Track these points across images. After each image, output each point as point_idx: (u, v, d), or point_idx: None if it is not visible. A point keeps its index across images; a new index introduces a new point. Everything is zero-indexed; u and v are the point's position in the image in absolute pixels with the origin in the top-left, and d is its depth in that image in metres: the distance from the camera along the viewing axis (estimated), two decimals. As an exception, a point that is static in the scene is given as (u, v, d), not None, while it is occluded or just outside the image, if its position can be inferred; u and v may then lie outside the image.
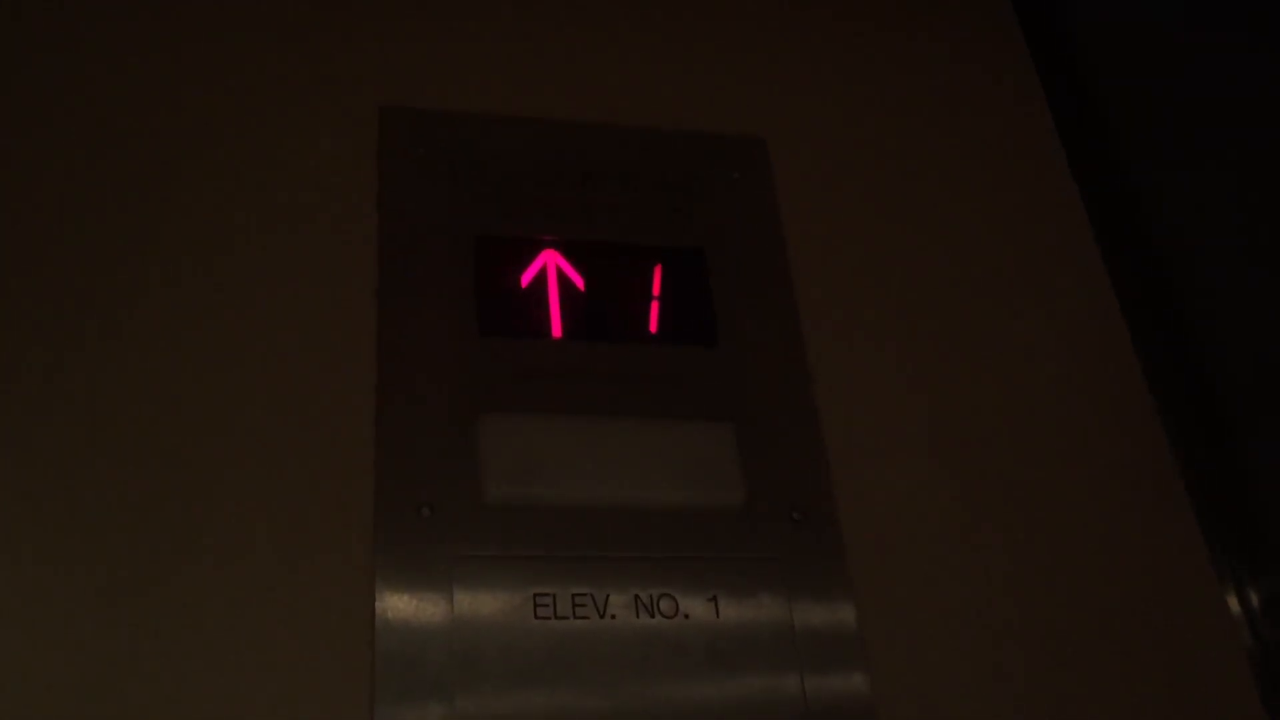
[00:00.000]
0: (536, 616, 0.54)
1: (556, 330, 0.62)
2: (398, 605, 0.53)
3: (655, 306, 0.65)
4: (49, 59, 0.64)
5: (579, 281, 0.64)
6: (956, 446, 0.65)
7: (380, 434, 0.57)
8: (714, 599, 0.57)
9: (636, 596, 0.56)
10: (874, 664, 0.57)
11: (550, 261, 0.64)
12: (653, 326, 0.64)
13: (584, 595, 0.55)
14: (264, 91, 0.66)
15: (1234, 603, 0.65)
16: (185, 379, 0.57)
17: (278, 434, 0.56)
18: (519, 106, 0.69)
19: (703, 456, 0.60)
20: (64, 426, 0.54)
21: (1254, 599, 0.66)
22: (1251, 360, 0.71)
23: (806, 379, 0.64)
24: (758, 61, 0.76)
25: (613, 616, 0.55)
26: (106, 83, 0.64)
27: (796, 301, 0.67)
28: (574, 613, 0.55)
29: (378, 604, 0.53)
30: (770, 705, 0.55)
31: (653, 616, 0.56)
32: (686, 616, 0.56)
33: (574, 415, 0.59)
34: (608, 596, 0.56)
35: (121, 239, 0.60)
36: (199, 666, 0.50)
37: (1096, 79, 0.83)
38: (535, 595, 0.55)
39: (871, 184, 0.73)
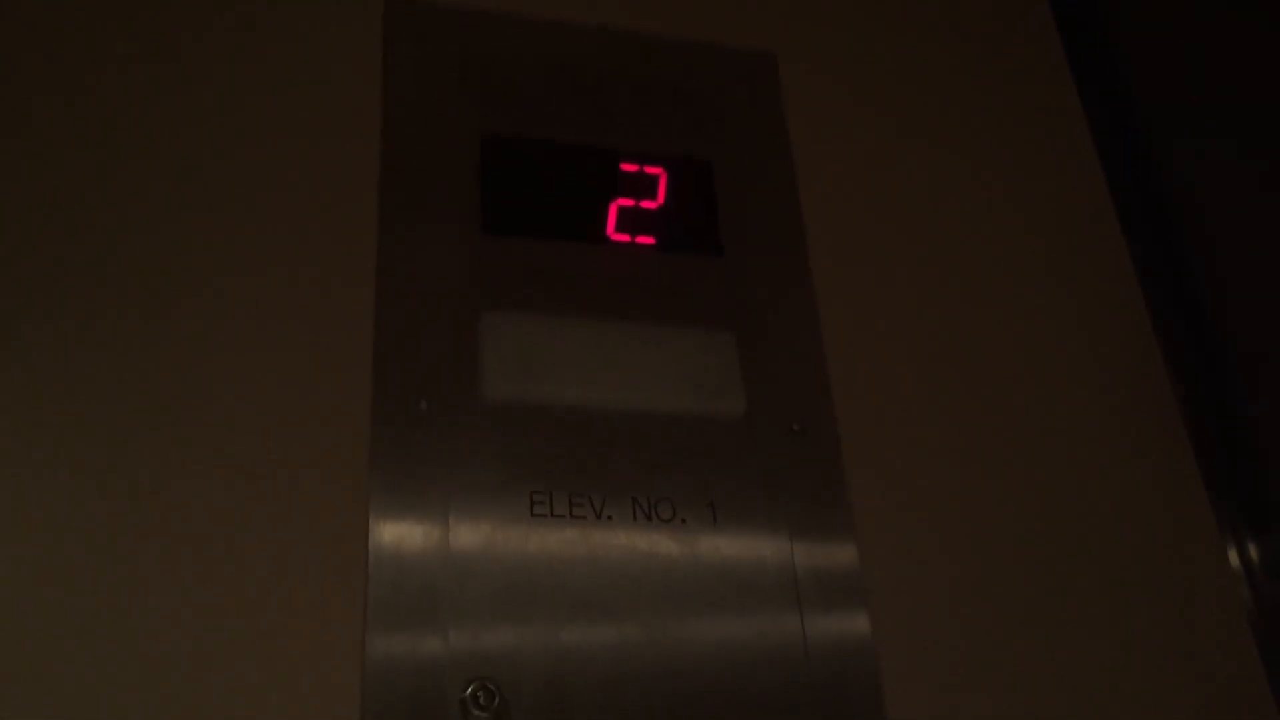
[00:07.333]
0: (533, 514, 0.54)
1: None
2: (394, 496, 0.53)
3: (661, 214, 0.64)
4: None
5: (585, 186, 0.63)
6: (958, 365, 0.65)
7: (380, 326, 0.56)
8: (711, 506, 0.57)
9: (634, 500, 0.56)
10: (869, 581, 0.57)
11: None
12: (657, 234, 0.63)
13: (581, 496, 0.55)
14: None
15: (1234, 557, 0.65)
16: (185, 273, 0.56)
17: (278, 321, 0.56)
18: (529, 6, 0.68)
19: (704, 365, 0.60)
20: (61, 319, 0.54)
21: (1254, 554, 0.66)
22: (1262, 317, 0.70)
23: (810, 292, 0.64)
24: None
25: (610, 518, 0.55)
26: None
27: (802, 216, 0.66)
28: (571, 512, 0.54)
29: (373, 494, 0.52)
30: (766, 606, 0.55)
31: (650, 520, 0.55)
32: (684, 522, 0.56)
33: (576, 317, 0.59)
34: (605, 498, 0.55)
35: (123, 133, 0.59)
36: (190, 562, 0.50)
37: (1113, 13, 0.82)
38: (532, 493, 0.54)
39: (879, 102, 0.73)
